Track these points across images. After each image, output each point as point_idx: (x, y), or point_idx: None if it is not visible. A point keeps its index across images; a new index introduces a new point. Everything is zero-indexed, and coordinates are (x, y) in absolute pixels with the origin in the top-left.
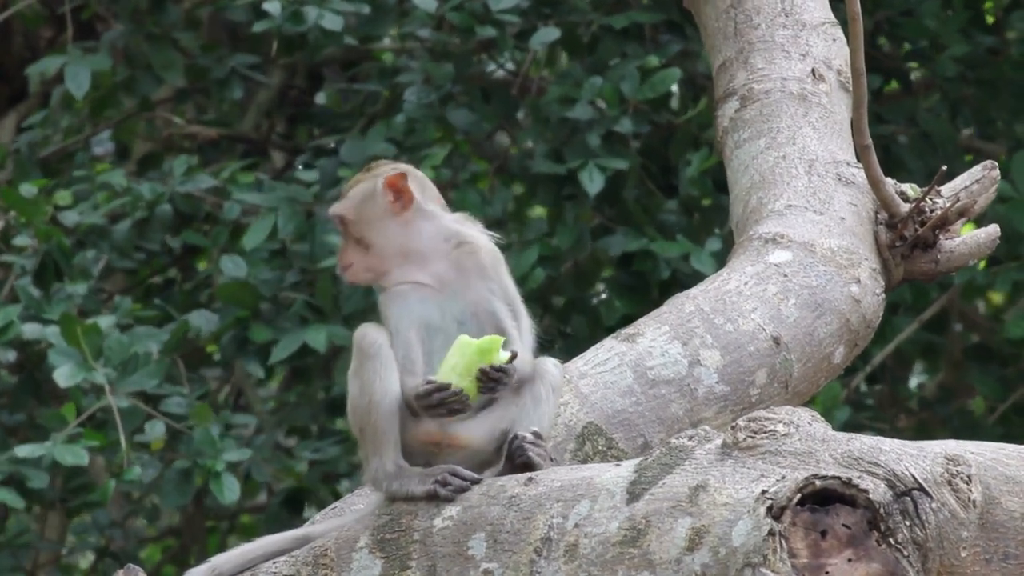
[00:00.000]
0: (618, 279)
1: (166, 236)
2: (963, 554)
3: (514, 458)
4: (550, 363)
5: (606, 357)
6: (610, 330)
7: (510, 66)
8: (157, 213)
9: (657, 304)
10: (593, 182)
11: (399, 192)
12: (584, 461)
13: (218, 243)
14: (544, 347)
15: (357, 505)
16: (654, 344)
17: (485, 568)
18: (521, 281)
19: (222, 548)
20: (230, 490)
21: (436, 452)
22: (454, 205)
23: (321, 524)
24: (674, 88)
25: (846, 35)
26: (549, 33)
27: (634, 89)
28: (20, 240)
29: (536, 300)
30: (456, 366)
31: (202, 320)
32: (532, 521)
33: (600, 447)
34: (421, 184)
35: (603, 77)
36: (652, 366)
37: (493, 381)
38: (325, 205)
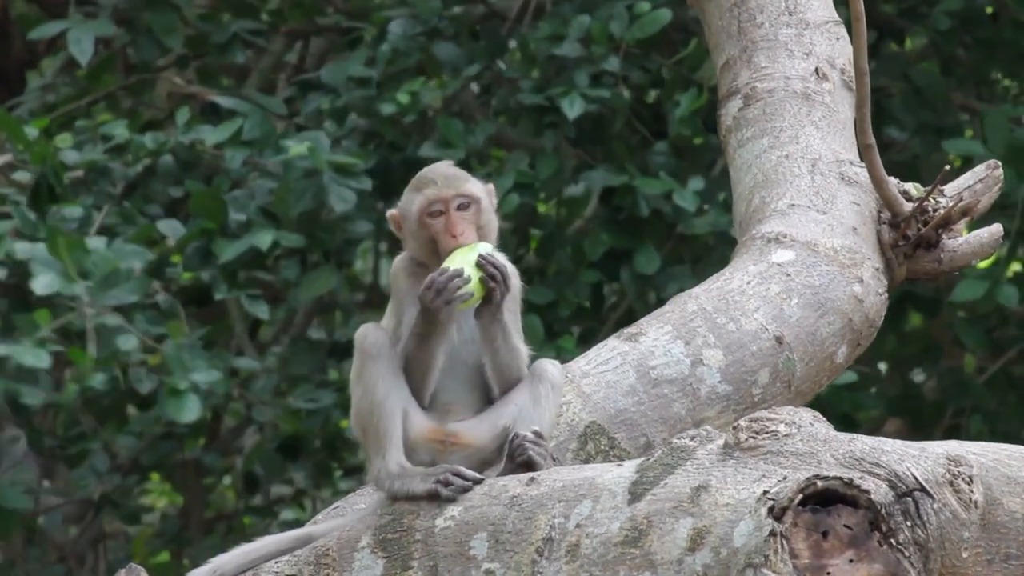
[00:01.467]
0: (600, 214)
1: (168, 188)
2: (964, 555)
3: (515, 457)
4: (549, 363)
5: (608, 356)
6: (592, 265)
7: None
8: (160, 164)
9: (638, 238)
10: (573, 107)
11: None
12: (586, 461)
13: (221, 191)
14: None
15: (359, 505)
16: (657, 343)
17: (487, 568)
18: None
19: (221, 549)
20: (190, 409)
21: (438, 451)
22: (437, 131)
23: (323, 524)
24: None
25: (849, 34)
26: None
27: (623, 28)
28: (19, 176)
29: (516, 232)
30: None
31: (169, 228)
32: (534, 521)
33: (602, 447)
34: None
35: (592, 16)
36: (655, 365)
37: (493, 266)
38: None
